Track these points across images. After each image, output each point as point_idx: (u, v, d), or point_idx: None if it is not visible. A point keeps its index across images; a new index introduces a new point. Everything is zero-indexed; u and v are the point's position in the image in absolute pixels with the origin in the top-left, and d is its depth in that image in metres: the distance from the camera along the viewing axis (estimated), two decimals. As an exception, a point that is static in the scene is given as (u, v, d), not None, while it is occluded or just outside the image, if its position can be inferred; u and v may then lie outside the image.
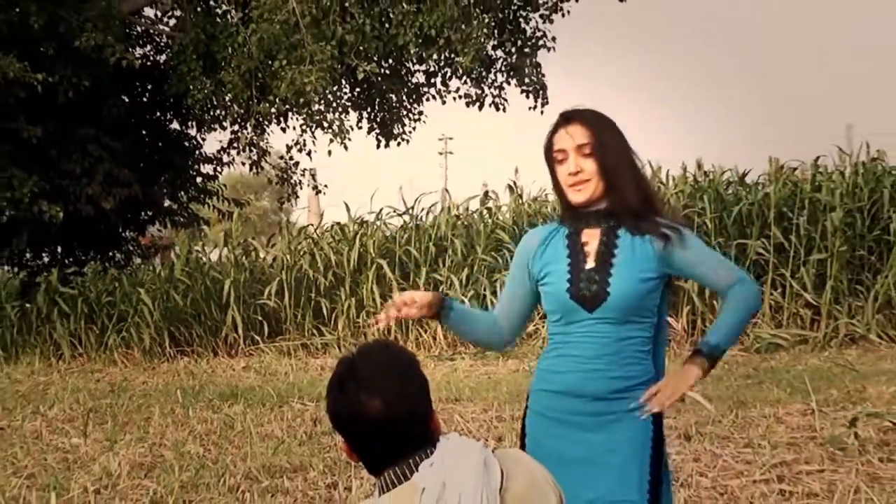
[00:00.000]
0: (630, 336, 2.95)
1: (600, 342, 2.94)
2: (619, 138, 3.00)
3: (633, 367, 2.96)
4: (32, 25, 13.75)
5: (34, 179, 14.09)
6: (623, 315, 2.92)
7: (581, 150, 2.92)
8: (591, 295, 2.93)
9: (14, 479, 6.18)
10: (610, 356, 2.94)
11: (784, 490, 5.47)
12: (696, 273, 2.98)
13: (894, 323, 12.19)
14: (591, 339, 2.95)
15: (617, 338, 2.93)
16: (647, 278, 2.91)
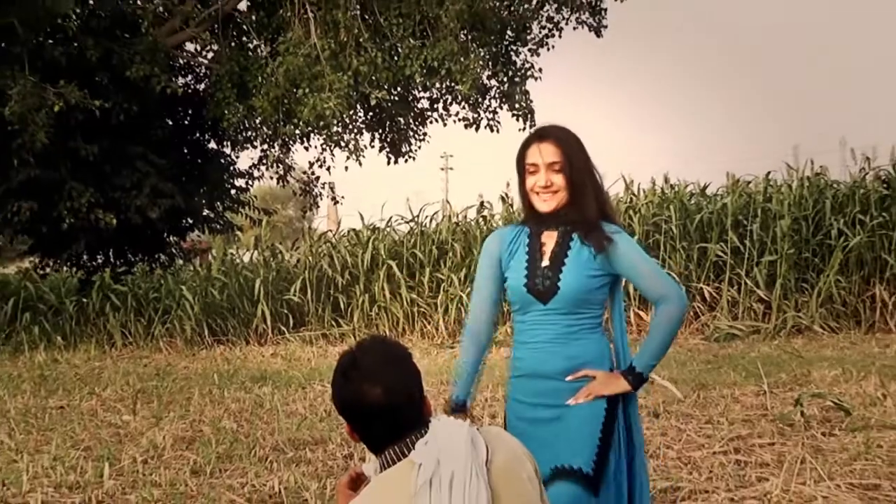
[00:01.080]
0: (579, 322, 2.97)
1: (552, 329, 2.98)
2: (584, 156, 3.01)
3: (582, 348, 2.98)
4: (90, 58, 13.77)
5: (90, 192, 14.10)
6: (572, 306, 2.95)
7: (552, 166, 2.93)
8: (544, 289, 2.96)
9: (73, 451, 6.18)
10: (561, 340, 2.97)
11: (740, 460, 5.47)
12: (629, 276, 2.98)
13: (835, 316, 12.21)
14: (544, 326, 2.99)
15: (567, 324, 2.96)
16: (592, 276, 2.94)
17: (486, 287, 3.16)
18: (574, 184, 2.94)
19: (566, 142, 2.98)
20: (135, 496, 5.03)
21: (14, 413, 7.67)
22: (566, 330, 2.97)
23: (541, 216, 3.01)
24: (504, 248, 3.11)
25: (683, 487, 4.90)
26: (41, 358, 11.94)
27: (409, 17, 14.62)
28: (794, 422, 6.34)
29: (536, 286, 2.97)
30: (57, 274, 17.30)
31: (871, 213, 12.47)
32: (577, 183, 2.95)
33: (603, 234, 2.92)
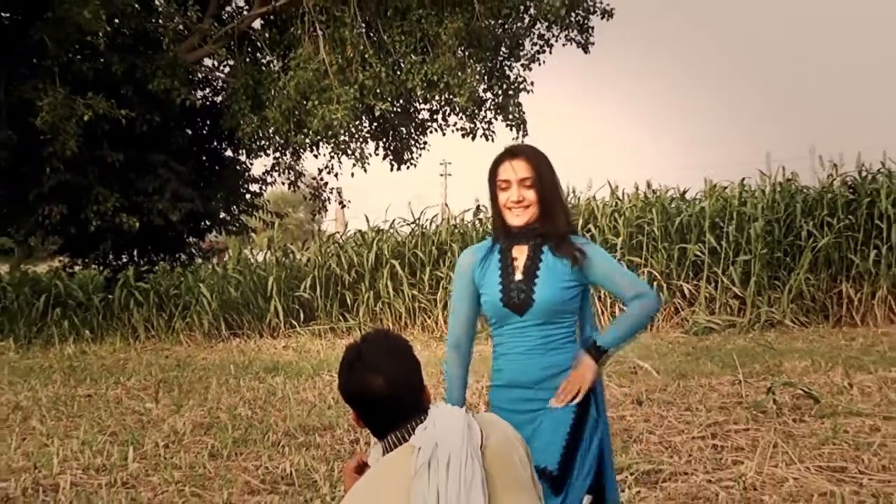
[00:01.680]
0: (554, 333, 2.92)
1: (529, 340, 2.92)
2: (552, 173, 2.97)
3: (558, 356, 2.92)
4: (115, 72, 13.78)
5: (116, 196, 14.10)
6: (547, 316, 2.90)
7: (523, 182, 2.88)
8: (519, 302, 2.90)
9: (100, 436, 6.19)
10: (538, 349, 2.91)
11: (717, 445, 5.48)
12: (604, 284, 2.95)
13: (805, 311, 12.23)
14: (521, 338, 2.93)
15: (543, 335, 2.91)
16: (566, 287, 2.89)
17: (462, 308, 3.10)
18: (544, 199, 2.90)
19: (537, 159, 2.94)
20: (157, 478, 5.04)
21: (45, 401, 7.69)
22: (542, 341, 2.91)
23: (511, 232, 2.96)
24: (476, 265, 3.04)
25: (665, 470, 4.91)
26: (70, 350, 11.96)
27: (411, 34, 14.63)
28: (767, 409, 6.35)
29: (512, 300, 2.91)
30: (85, 272, 17.32)
31: (837, 216, 12.48)
32: (548, 198, 2.91)
33: (574, 247, 2.89)
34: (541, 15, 15.74)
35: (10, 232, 16.28)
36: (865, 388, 6.97)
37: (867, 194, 12.60)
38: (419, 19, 14.54)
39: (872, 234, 12.32)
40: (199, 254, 17.99)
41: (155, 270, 15.54)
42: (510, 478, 2.26)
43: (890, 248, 12.09)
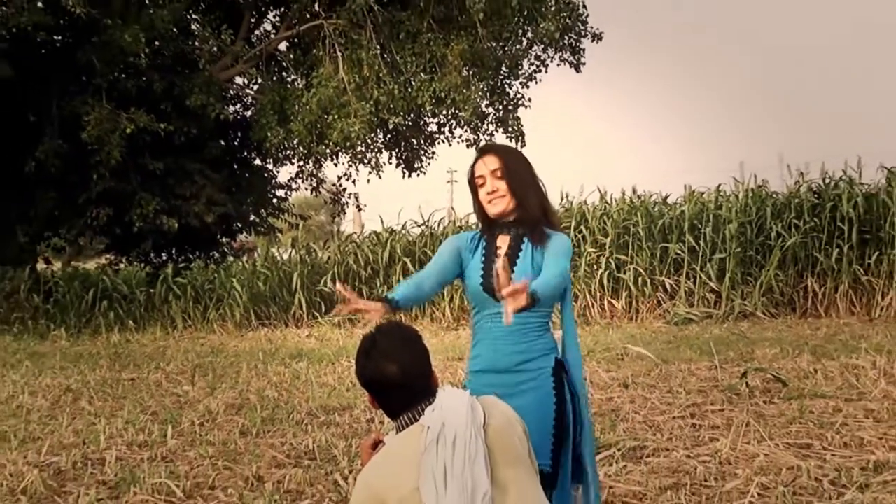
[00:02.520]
0: (530, 320, 2.79)
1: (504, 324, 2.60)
2: (525, 165, 2.90)
3: (533, 342, 2.81)
4: (156, 90, 13.81)
5: (156, 200, 14.13)
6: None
7: (494, 173, 2.82)
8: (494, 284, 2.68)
9: (142, 415, 6.21)
10: (514, 335, 2.79)
11: (695, 423, 5.47)
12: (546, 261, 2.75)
13: (774, 304, 12.22)
14: (497, 321, 2.74)
15: (519, 321, 2.69)
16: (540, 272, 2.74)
17: (440, 261, 2.95)
18: (516, 188, 2.83)
19: (505, 153, 2.91)
20: (193, 453, 5.05)
21: (93, 384, 7.72)
22: (518, 327, 2.75)
23: (493, 223, 2.89)
24: (465, 245, 2.96)
25: (648, 446, 4.91)
26: (115, 338, 12.00)
27: (421, 55, 14.64)
28: (741, 391, 6.35)
29: (491, 284, 2.76)
30: (129, 269, 17.37)
31: (804, 219, 12.47)
32: (519, 187, 2.83)
33: (543, 233, 2.81)
34: (537, 38, 15.74)
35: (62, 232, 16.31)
36: (829, 373, 6.96)
37: (830, 199, 12.58)
38: (428, 42, 14.57)
39: (835, 235, 12.31)
40: (231, 252, 18.04)
41: (191, 267, 15.58)
42: (510, 454, 2.26)
43: (851, 247, 12.08)
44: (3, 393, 7.26)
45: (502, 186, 2.82)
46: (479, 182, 2.87)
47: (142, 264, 16.95)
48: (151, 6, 15.19)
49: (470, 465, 2.14)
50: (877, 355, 7.66)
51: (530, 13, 15.39)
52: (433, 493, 2.11)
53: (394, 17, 14.90)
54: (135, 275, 16.79)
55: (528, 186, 2.86)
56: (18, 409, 6.56)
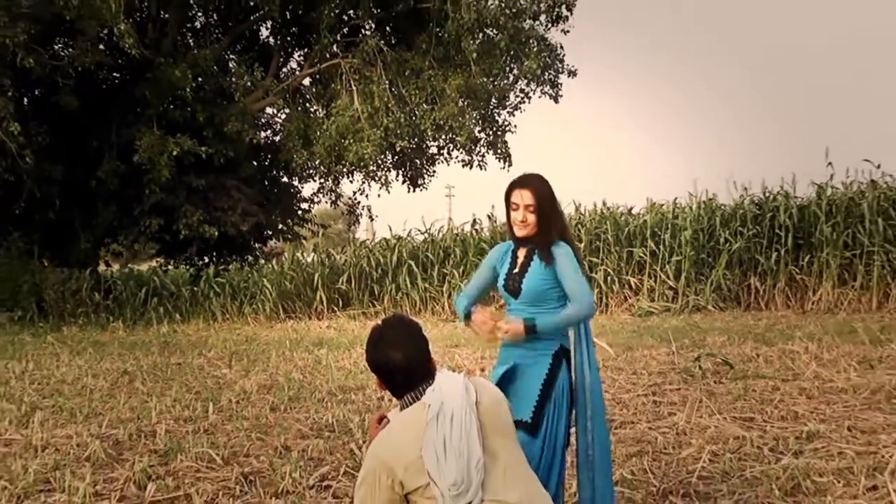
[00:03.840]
0: (539, 313, 2.92)
1: (521, 315, 2.92)
2: (552, 200, 2.98)
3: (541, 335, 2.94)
4: (199, 118, 13.84)
5: (199, 212, 14.15)
6: (532, 301, 2.93)
7: (528, 208, 2.92)
8: (513, 288, 2.97)
9: (187, 394, 6.21)
10: None
11: (656, 400, 5.48)
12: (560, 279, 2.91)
13: (723, 299, 12.22)
14: (516, 313, 2.95)
15: (530, 313, 2.92)
16: (544, 282, 2.91)
17: (479, 278, 3.19)
18: (541, 221, 2.93)
19: (540, 190, 2.95)
20: (230, 426, 5.05)
21: (146, 368, 7.72)
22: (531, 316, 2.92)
23: (518, 239, 3.02)
24: (500, 257, 3.13)
25: (616, 419, 4.92)
26: (164, 329, 12.00)
27: (423, 89, 14.67)
28: (694, 373, 6.36)
29: (509, 286, 2.99)
30: (176, 270, 17.37)
31: (747, 227, 12.48)
32: (544, 220, 2.94)
33: (550, 254, 2.92)
34: (522, 75, 15.80)
35: (120, 239, 16.35)
36: (769, 358, 6.97)
37: (770, 210, 12.60)
38: (429, 78, 14.60)
39: (774, 241, 12.32)
40: (262, 256, 18.06)
41: (229, 268, 15.58)
42: (498, 427, 2.27)
43: (787, 251, 12.09)
44: (70, 375, 7.26)
45: (531, 220, 2.93)
46: (514, 207, 2.97)
47: (187, 266, 16.96)
48: (195, 47, 15.26)
49: (465, 436, 2.14)
50: (809, 342, 7.68)
51: (516, 53, 15.45)
52: (434, 461, 2.12)
53: (400, 57, 14.94)
54: (181, 275, 16.78)
55: (550, 219, 2.96)
56: (83, 389, 6.56)
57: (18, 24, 11.49)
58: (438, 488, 2.11)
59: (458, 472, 2.10)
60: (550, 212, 2.97)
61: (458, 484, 2.09)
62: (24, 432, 4.97)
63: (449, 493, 2.10)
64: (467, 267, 13.17)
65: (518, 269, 3.00)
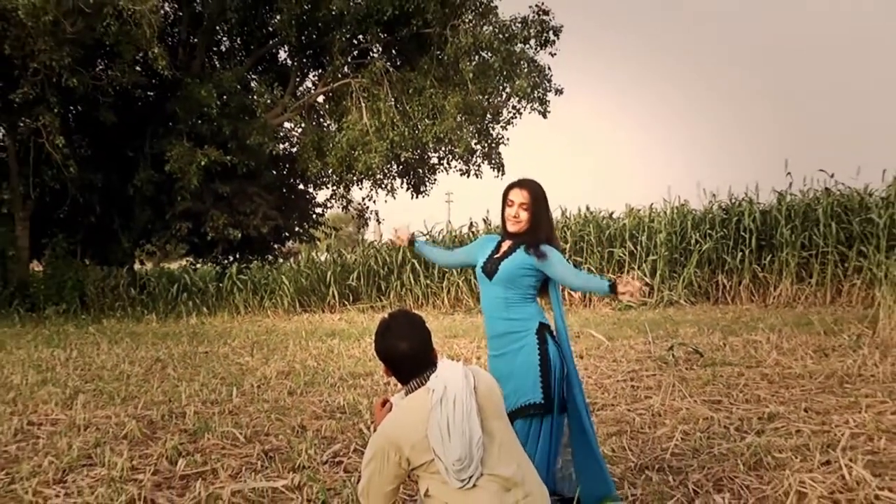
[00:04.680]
0: (512, 295, 2.95)
1: (495, 297, 2.98)
2: (544, 202, 3.00)
3: (516, 313, 2.95)
4: (224, 132, 13.85)
5: (224, 216, 14.17)
6: (506, 283, 2.95)
7: (522, 205, 2.95)
8: (491, 270, 2.99)
9: (213, 379, 6.20)
10: (500, 306, 2.97)
11: (634, 385, 5.48)
12: (557, 276, 2.93)
13: (693, 294, 12.22)
14: (491, 295, 3.00)
15: (504, 296, 2.95)
16: (521, 268, 2.93)
17: (469, 249, 3.26)
18: (532, 220, 2.96)
19: (535, 193, 2.98)
20: (252, 408, 5.05)
21: (177, 356, 7.72)
22: (502, 298, 2.96)
23: (508, 232, 3.03)
24: (484, 244, 3.16)
25: (599, 402, 4.92)
26: (193, 321, 11.99)
27: (425, 105, 14.68)
28: (668, 361, 6.36)
29: (486, 268, 3.01)
30: (203, 268, 17.39)
31: (715, 230, 12.48)
32: (534, 219, 2.96)
33: (541, 251, 2.92)
34: (514, 93, 15.78)
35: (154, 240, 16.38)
36: (734, 347, 6.98)
37: (735, 214, 12.59)
38: (430, 95, 14.61)
39: (739, 242, 12.32)
40: (281, 255, 18.07)
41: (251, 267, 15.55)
42: (494, 410, 2.29)
43: (751, 251, 12.09)
44: (109, 362, 7.26)
45: (524, 217, 2.97)
46: (509, 203, 3.00)
47: (213, 264, 16.98)
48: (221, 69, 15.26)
49: (466, 418, 2.16)
50: (770, 333, 7.69)
51: (508, 74, 15.44)
52: (439, 440, 2.13)
53: (405, 77, 14.95)
54: (208, 273, 16.79)
55: (540, 220, 2.98)
56: (120, 374, 6.56)
57: (64, 48, 11.50)
58: (443, 463, 2.13)
59: (462, 450, 2.12)
60: (541, 213, 2.98)
61: (461, 459, 2.11)
62: (69, 413, 4.97)
63: (453, 468, 2.12)
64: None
65: (499, 255, 3.01)
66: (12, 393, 5.69)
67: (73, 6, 11.52)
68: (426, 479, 2.20)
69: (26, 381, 6.18)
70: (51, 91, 12.14)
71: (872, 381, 5.30)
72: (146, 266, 17.36)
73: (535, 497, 2.21)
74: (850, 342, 6.92)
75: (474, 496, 2.13)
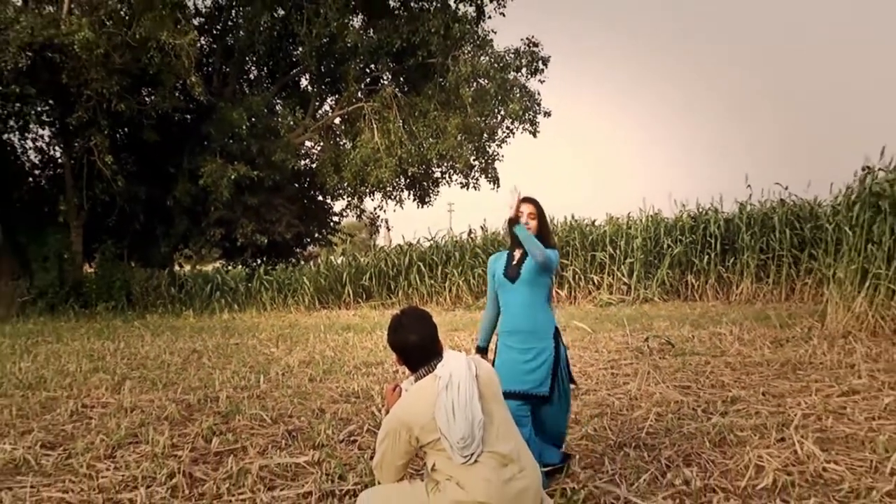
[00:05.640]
0: (535, 296, 3.02)
1: (520, 298, 3.02)
2: (544, 214, 3.15)
3: (540, 313, 3.02)
4: (252, 150, 13.87)
5: (253, 224, 14.18)
6: (529, 283, 3.01)
7: (531, 215, 3.08)
8: (514, 274, 3.04)
9: (243, 368, 6.21)
10: (527, 304, 3.02)
11: (613, 372, 5.48)
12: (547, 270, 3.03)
13: (666, 292, 12.21)
14: (515, 297, 3.04)
15: (529, 295, 3.02)
16: (536, 271, 3.00)
17: (490, 290, 3.23)
18: (540, 226, 3.10)
19: (539, 206, 3.14)
20: (277, 393, 5.07)
21: (211, 347, 7.73)
22: (528, 298, 3.02)
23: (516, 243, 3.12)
24: (494, 263, 3.21)
25: (582, 388, 4.93)
26: (225, 316, 12.01)
27: (429, 126, 14.70)
28: (644, 351, 6.36)
29: (509, 274, 3.07)
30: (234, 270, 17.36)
31: (685, 235, 12.47)
32: (541, 226, 3.11)
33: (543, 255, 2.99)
34: (507, 115, 15.82)
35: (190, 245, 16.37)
36: (702, 339, 6.97)
37: (702, 222, 12.58)
38: (434, 117, 14.64)
39: (706, 246, 12.31)
40: (302, 259, 18.07)
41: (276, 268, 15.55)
42: (493, 395, 2.29)
43: (716, 254, 12.08)
44: (152, 353, 7.28)
45: (533, 224, 3.08)
46: (519, 214, 3.08)
47: (243, 267, 16.96)
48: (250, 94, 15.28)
49: (470, 402, 2.17)
50: (733, 326, 7.69)
51: (503, 98, 15.47)
52: (445, 421, 2.15)
53: (411, 101, 14.98)
54: (238, 274, 16.73)
55: (544, 226, 3.13)
56: (162, 363, 6.58)
57: (113, 77, 11.61)
58: (448, 441, 2.14)
59: (465, 430, 2.13)
60: (544, 221, 3.14)
61: (465, 438, 2.13)
62: (117, 397, 4.99)
63: (457, 446, 2.13)
64: (464, 267, 13.16)
65: (516, 262, 3.10)
66: (68, 379, 5.72)
67: (121, 41, 11.64)
68: (433, 455, 2.21)
69: (80, 369, 6.21)
70: (102, 115, 12.20)
71: (821, 367, 5.31)
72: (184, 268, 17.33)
73: (529, 471, 2.23)
74: (802, 334, 6.92)
75: (475, 470, 2.14)
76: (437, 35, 14.20)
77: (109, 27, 11.77)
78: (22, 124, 13.20)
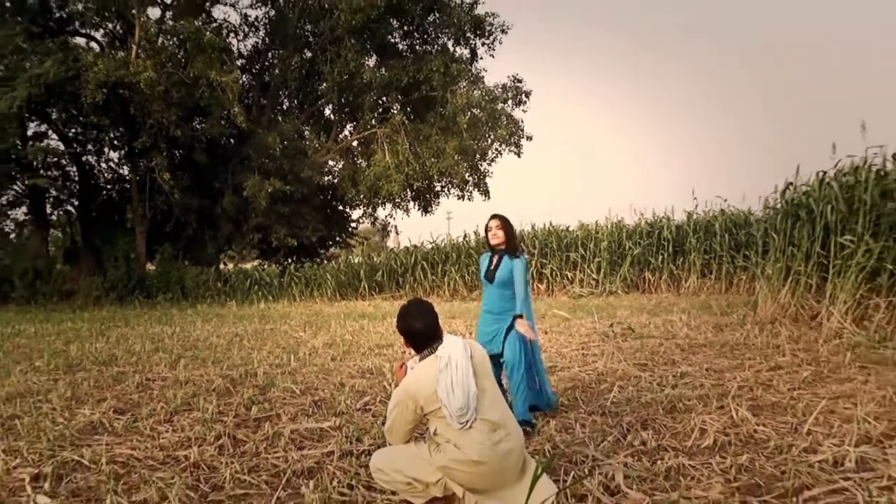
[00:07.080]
0: (504, 292, 3.19)
1: (495, 295, 3.19)
2: (511, 227, 3.29)
3: (506, 303, 3.19)
4: (284, 168, 13.84)
5: (284, 229, 14.18)
6: (501, 285, 3.17)
7: (498, 227, 3.22)
8: (490, 277, 3.20)
9: (276, 349, 6.19)
10: (497, 297, 3.23)
11: (584, 353, 5.46)
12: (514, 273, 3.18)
13: (627, 286, 12.17)
14: (492, 291, 3.22)
15: (500, 294, 3.19)
16: (508, 274, 3.17)
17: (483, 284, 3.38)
18: (506, 236, 3.23)
19: (504, 220, 3.28)
20: (306, 370, 5.06)
21: (250, 331, 7.69)
22: (500, 297, 3.19)
23: (493, 248, 3.27)
24: (482, 263, 3.35)
25: (558, 366, 4.92)
26: (262, 306, 11.97)
27: (431, 148, 14.70)
28: (609, 335, 6.35)
29: (488, 276, 3.22)
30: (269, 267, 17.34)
31: (643, 238, 12.48)
32: (508, 235, 3.24)
33: (515, 255, 3.19)
34: (496, 139, 15.83)
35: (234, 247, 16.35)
36: (657, 325, 6.96)
37: (657, 228, 12.59)
38: (435, 141, 14.63)
39: (660, 248, 12.32)
40: (326, 258, 18.05)
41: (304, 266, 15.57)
42: (485, 373, 2.30)
43: (668, 255, 12.10)
44: (202, 336, 7.27)
45: (500, 235, 3.24)
46: (489, 228, 3.29)
47: (276, 265, 16.95)
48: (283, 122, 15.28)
49: (465, 380, 2.17)
50: (682, 314, 7.67)
51: (492, 125, 15.50)
52: (446, 394, 2.15)
53: (416, 127, 14.99)
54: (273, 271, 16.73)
55: (511, 235, 3.28)
56: (210, 345, 6.56)
57: (171, 109, 11.74)
58: (448, 410, 2.15)
59: (463, 401, 2.14)
60: (511, 233, 3.25)
61: (462, 408, 2.14)
62: (174, 372, 4.99)
63: (456, 414, 2.14)
64: (460, 265, 13.16)
65: (493, 266, 3.20)
66: (134, 357, 5.72)
67: (178, 79, 11.72)
68: (435, 421, 2.22)
69: (144, 349, 6.21)
70: (161, 140, 12.26)
71: (753, 348, 5.31)
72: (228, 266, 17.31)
73: (513, 435, 2.24)
74: (738, 320, 6.93)
75: (470, 434, 2.15)
76: (437, 73, 14.24)
77: (168, 68, 11.85)
78: (98, 148, 13.51)
